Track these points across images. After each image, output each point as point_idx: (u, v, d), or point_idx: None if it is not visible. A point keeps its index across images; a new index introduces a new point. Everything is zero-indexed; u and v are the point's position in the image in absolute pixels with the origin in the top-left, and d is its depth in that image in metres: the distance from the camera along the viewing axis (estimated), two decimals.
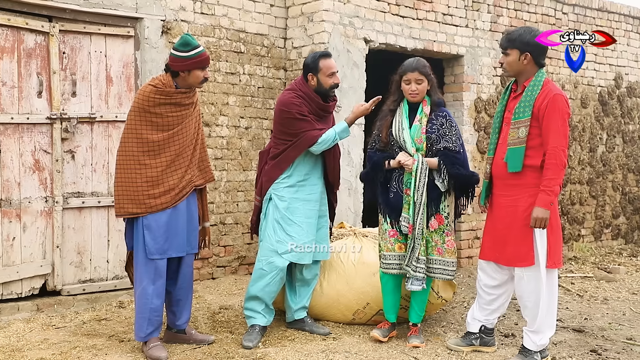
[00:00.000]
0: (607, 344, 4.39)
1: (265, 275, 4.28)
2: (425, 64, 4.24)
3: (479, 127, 7.11)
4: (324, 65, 4.30)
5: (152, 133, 3.88)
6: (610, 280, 6.58)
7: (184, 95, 3.94)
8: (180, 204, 3.97)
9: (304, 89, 4.33)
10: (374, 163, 4.30)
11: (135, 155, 3.87)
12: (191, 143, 4.03)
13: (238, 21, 6.06)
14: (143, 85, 3.98)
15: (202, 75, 3.91)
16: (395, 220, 4.23)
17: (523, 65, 3.86)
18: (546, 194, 3.69)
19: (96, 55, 5.25)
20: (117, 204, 3.93)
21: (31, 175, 4.97)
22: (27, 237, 4.94)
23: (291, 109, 4.26)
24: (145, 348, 3.92)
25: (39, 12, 4.98)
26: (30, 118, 4.94)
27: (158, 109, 3.87)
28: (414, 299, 4.35)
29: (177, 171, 3.95)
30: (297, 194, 4.34)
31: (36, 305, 4.92)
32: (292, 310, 4.51)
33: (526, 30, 3.89)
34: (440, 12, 6.76)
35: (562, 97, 3.75)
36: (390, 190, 4.27)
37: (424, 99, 4.25)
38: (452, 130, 4.20)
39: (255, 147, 6.19)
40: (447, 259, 4.22)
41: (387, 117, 4.30)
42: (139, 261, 3.92)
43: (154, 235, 3.87)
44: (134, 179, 3.87)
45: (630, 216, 8.99)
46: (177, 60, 3.85)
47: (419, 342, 4.23)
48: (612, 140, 8.68)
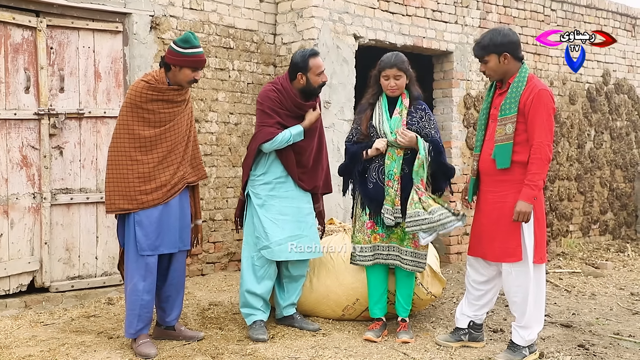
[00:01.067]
0: (594, 339, 4.42)
1: (258, 270, 4.30)
2: (404, 59, 4.27)
3: (468, 124, 7.14)
4: (313, 64, 4.29)
5: (144, 129, 3.86)
6: (598, 275, 6.62)
7: (176, 92, 3.93)
8: (172, 201, 3.96)
9: (284, 84, 4.34)
10: (352, 154, 4.32)
11: (127, 151, 3.86)
12: (183, 140, 4.02)
13: (227, 17, 6.04)
14: (135, 81, 3.97)
15: (192, 76, 3.90)
16: (374, 211, 4.25)
17: (505, 65, 3.88)
18: (530, 188, 3.71)
19: (84, 50, 5.21)
20: (108, 200, 3.91)
21: (19, 172, 4.93)
22: (15, 233, 4.91)
23: (264, 101, 4.31)
24: (135, 345, 3.91)
25: (26, 7, 4.94)
26: (17, 114, 4.90)
27: (150, 105, 3.85)
28: (399, 293, 4.36)
29: (169, 168, 3.94)
30: (273, 192, 4.33)
31: (24, 302, 4.90)
32: (281, 307, 4.51)
33: (494, 33, 3.91)
34: (430, 9, 6.77)
35: (547, 92, 3.78)
36: (369, 181, 4.29)
37: (403, 92, 4.29)
38: (430, 124, 4.27)
39: (245, 143, 6.18)
40: (420, 252, 4.25)
41: (366, 111, 4.34)
42: (129, 257, 3.91)
43: (145, 231, 3.86)
44: (126, 174, 3.86)
45: (618, 212, 9.06)
46: (173, 53, 3.85)
47: (408, 337, 4.24)
48: (600, 136, 8.73)
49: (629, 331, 4.63)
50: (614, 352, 4.14)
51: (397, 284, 4.38)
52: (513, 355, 3.88)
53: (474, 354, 4.02)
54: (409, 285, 4.35)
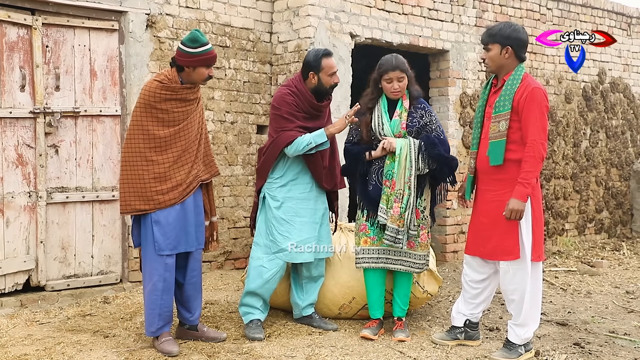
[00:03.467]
0: (590, 337, 4.43)
1: (266, 273, 4.27)
2: (404, 60, 4.26)
3: (464, 122, 7.14)
4: (326, 64, 4.27)
5: (158, 129, 3.85)
6: (594, 274, 6.64)
7: (189, 90, 3.92)
8: (187, 199, 3.95)
9: (299, 86, 4.30)
10: (354, 155, 4.31)
11: (142, 152, 3.85)
12: (196, 138, 4.01)
13: (223, 15, 6.03)
14: (148, 81, 3.95)
15: (206, 73, 3.88)
16: (372, 212, 4.25)
17: (504, 59, 3.89)
18: (523, 186, 3.72)
19: (80, 49, 5.20)
20: (123, 201, 3.90)
21: (14, 170, 4.92)
22: (11, 232, 4.90)
23: (281, 106, 4.25)
24: (157, 342, 3.91)
25: (21, 5, 4.92)
26: (13, 112, 4.89)
27: (164, 104, 3.84)
28: (396, 293, 4.37)
29: (184, 167, 3.94)
30: (290, 193, 4.32)
31: (20, 301, 4.89)
32: (300, 307, 4.49)
33: (506, 25, 3.93)
34: (426, 7, 6.78)
35: (540, 90, 3.79)
36: (369, 183, 4.28)
37: (404, 93, 4.27)
38: (432, 120, 4.25)
39: (241, 141, 6.18)
40: (418, 253, 4.25)
41: (365, 115, 4.29)
42: (147, 257, 3.90)
43: (163, 231, 3.85)
44: (141, 175, 3.85)
45: (613, 211, 9.08)
46: (184, 55, 3.82)
47: (404, 335, 4.25)
48: (596, 135, 8.75)
49: (624, 329, 4.64)
50: (609, 350, 4.15)
51: (394, 283, 4.38)
52: (509, 353, 3.89)
53: (470, 353, 4.03)
54: (405, 286, 4.35)
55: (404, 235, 4.14)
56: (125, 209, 3.91)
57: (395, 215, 4.13)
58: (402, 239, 4.14)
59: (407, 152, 4.13)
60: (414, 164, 4.13)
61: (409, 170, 4.13)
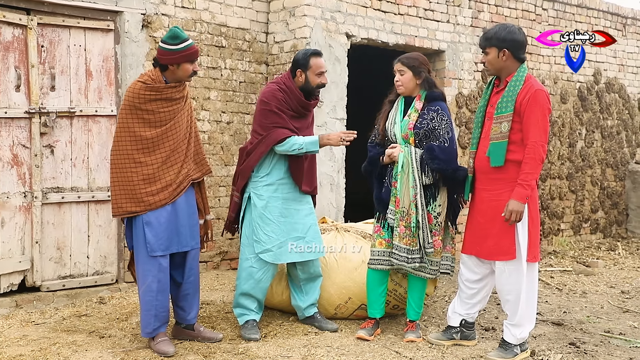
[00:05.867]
0: (585, 337, 4.44)
1: (256, 273, 4.26)
2: (411, 56, 4.24)
3: (460, 123, 7.15)
4: (314, 63, 4.27)
5: (145, 130, 3.83)
6: (589, 274, 6.65)
7: (174, 89, 3.90)
8: (179, 199, 3.94)
9: (288, 83, 4.29)
10: (370, 158, 4.31)
11: (130, 154, 3.83)
12: (185, 137, 3.99)
13: (219, 15, 6.03)
14: (132, 82, 3.93)
15: (191, 69, 3.87)
16: (383, 214, 4.24)
17: (503, 62, 3.89)
18: (523, 188, 3.73)
19: (75, 48, 5.19)
20: (114, 203, 3.89)
21: (9, 170, 4.90)
22: (6, 232, 4.88)
23: (271, 101, 4.23)
24: (153, 343, 3.91)
25: (16, 5, 4.91)
26: (8, 112, 4.87)
27: (149, 105, 3.82)
28: (411, 296, 4.33)
29: (173, 167, 3.92)
30: (277, 193, 4.30)
31: (15, 301, 4.87)
32: (302, 309, 4.49)
33: (502, 27, 3.92)
34: (422, 7, 6.79)
35: (543, 92, 3.79)
36: (383, 185, 4.27)
37: (419, 93, 4.24)
38: (442, 124, 4.12)
39: (237, 142, 6.17)
40: (430, 259, 4.20)
41: (385, 109, 4.31)
42: (140, 259, 3.89)
43: (155, 232, 3.85)
44: (130, 177, 3.84)
45: (609, 210, 9.11)
46: (166, 53, 3.81)
47: (415, 336, 4.22)
48: (591, 135, 8.77)
49: (619, 329, 4.66)
50: (604, 350, 4.16)
51: (408, 287, 4.35)
52: (505, 353, 3.89)
53: (466, 352, 4.03)
54: (419, 289, 4.30)
55: (417, 254, 4.10)
56: (117, 211, 3.89)
57: (401, 233, 4.10)
58: (415, 258, 4.10)
59: (410, 171, 4.08)
60: (417, 182, 4.07)
61: (413, 189, 4.08)
